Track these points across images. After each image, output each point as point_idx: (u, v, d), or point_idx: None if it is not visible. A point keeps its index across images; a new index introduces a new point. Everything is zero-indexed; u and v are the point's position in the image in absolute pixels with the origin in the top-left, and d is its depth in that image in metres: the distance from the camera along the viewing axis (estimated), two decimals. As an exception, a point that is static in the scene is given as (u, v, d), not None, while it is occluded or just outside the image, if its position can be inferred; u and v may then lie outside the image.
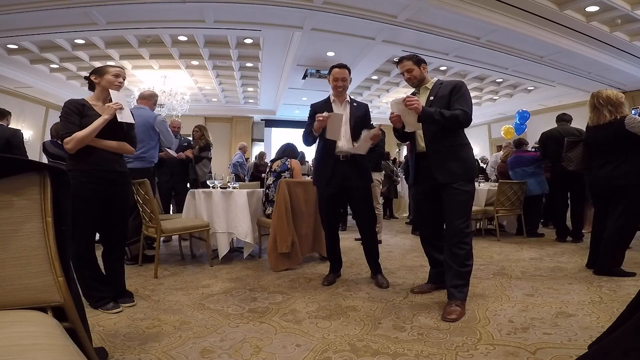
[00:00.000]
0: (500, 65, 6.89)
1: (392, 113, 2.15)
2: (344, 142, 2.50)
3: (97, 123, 1.99)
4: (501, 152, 6.57)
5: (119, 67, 2.21)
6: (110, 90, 2.09)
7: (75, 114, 1.99)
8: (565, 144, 3.18)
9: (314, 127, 2.41)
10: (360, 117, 2.54)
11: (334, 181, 2.52)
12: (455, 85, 2.13)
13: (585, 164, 2.98)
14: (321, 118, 2.33)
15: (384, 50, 6.37)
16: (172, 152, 4.35)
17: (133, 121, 2.19)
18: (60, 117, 2.03)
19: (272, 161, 3.55)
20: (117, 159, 2.15)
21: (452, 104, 2.08)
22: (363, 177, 2.56)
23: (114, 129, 2.08)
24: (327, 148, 2.54)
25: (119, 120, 2.07)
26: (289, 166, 3.38)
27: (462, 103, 2.06)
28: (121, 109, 2.08)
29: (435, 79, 2.27)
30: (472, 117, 2.10)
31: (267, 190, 3.38)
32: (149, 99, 3.45)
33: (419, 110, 2.03)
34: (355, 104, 2.60)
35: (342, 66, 2.54)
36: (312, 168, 5.08)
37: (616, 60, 6.38)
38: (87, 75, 2.17)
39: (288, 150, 3.57)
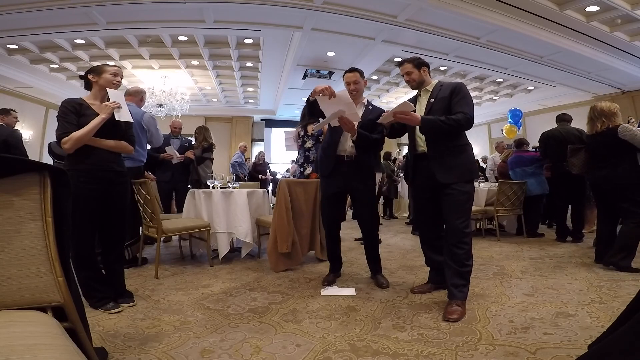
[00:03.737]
0: (500, 65, 6.90)
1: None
2: (349, 143, 2.49)
3: (94, 122, 1.98)
4: (497, 153, 6.58)
5: (116, 66, 2.20)
6: (107, 89, 2.08)
7: (73, 113, 1.98)
8: (568, 150, 3.47)
9: (312, 92, 2.26)
10: (371, 120, 2.47)
11: (336, 181, 2.53)
12: (455, 87, 2.12)
13: (587, 167, 3.27)
14: (326, 91, 2.17)
15: (384, 50, 6.37)
16: (174, 152, 4.34)
17: (131, 120, 2.18)
18: (57, 117, 2.01)
19: (304, 125, 3.73)
20: (116, 159, 2.15)
21: (453, 106, 2.08)
22: (366, 178, 2.55)
23: (112, 128, 2.07)
24: (330, 145, 2.54)
25: (117, 119, 2.07)
26: (323, 131, 3.42)
27: (464, 105, 2.06)
28: (119, 107, 2.07)
29: (436, 80, 2.28)
30: (474, 115, 2.10)
31: (307, 153, 3.74)
32: (134, 95, 3.36)
33: (417, 122, 2.04)
34: (370, 107, 2.57)
35: (352, 70, 2.54)
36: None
37: (616, 60, 6.39)
38: (84, 74, 2.15)
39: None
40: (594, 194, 3.31)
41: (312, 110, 2.39)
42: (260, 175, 8.08)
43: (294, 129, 4.02)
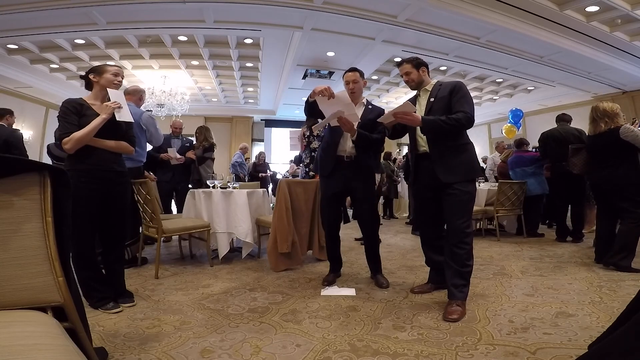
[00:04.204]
0: (500, 65, 6.90)
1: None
2: (349, 143, 2.49)
3: (95, 122, 1.98)
4: (496, 153, 6.58)
5: (117, 66, 2.21)
6: (108, 89, 2.08)
7: (74, 113, 1.98)
8: (570, 150, 3.48)
9: (311, 93, 2.26)
10: (371, 120, 2.47)
11: (336, 181, 2.53)
12: (455, 86, 2.12)
13: (587, 167, 3.27)
14: (325, 91, 2.17)
15: (384, 50, 6.37)
16: (174, 154, 4.34)
17: (132, 120, 2.18)
18: (58, 117, 2.01)
19: (310, 125, 3.89)
20: (116, 159, 2.15)
21: (453, 105, 2.08)
22: (366, 178, 2.55)
23: (113, 128, 2.07)
24: (329, 146, 2.54)
25: (118, 119, 2.07)
26: None
27: (464, 104, 2.06)
28: (120, 107, 2.07)
29: (435, 80, 2.28)
30: (474, 114, 2.09)
31: (313, 153, 4.00)
32: (133, 94, 3.33)
33: (418, 122, 2.03)
34: (370, 107, 2.58)
35: (352, 70, 2.56)
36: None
37: (616, 60, 6.38)
38: (85, 74, 2.15)
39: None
40: (594, 194, 3.31)
41: (311, 111, 2.39)
42: (261, 174, 8.11)
43: (299, 129, 4.05)
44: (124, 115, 2.10)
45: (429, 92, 2.22)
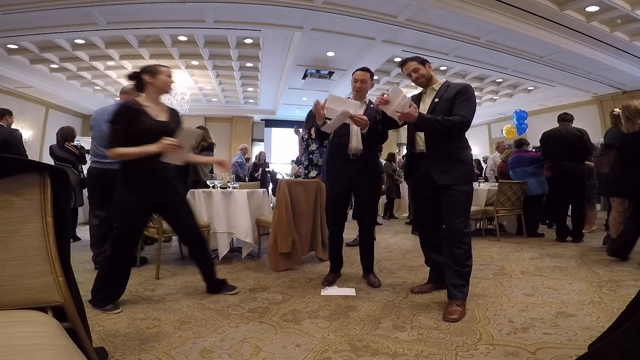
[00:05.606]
0: (500, 65, 6.90)
1: (382, 95, 2.13)
2: (354, 142, 2.50)
3: (145, 149, 1.92)
4: (497, 153, 6.58)
5: (167, 66, 2.14)
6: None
7: (127, 122, 1.93)
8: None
9: (316, 117, 2.34)
10: (372, 119, 2.47)
11: (342, 180, 2.54)
12: (461, 89, 2.10)
13: (617, 167, 3.22)
14: (320, 108, 2.25)
15: (384, 50, 6.37)
16: None
17: (178, 163, 2.10)
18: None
19: (307, 128, 3.87)
20: (166, 165, 2.07)
21: (455, 107, 2.07)
22: (371, 175, 2.56)
23: (163, 134, 1.96)
24: (338, 148, 2.55)
25: (161, 159, 1.96)
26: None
27: (464, 108, 2.05)
28: (178, 149, 1.95)
29: (443, 79, 2.26)
30: (472, 119, 2.08)
31: (311, 156, 3.90)
32: (130, 93, 3.21)
33: (414, 118, 2.04)
34: (372, 106, 2.58)
35: (363, 69, 2.60)
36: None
37: (616, 60, 6.39)
38: (135, 74, 2.07)
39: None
40: (627, 194, 3.21)
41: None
42: (260, 169, 8.15)
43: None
44: (173, 158, 2.00)
45: (436, 91, 2.20)
